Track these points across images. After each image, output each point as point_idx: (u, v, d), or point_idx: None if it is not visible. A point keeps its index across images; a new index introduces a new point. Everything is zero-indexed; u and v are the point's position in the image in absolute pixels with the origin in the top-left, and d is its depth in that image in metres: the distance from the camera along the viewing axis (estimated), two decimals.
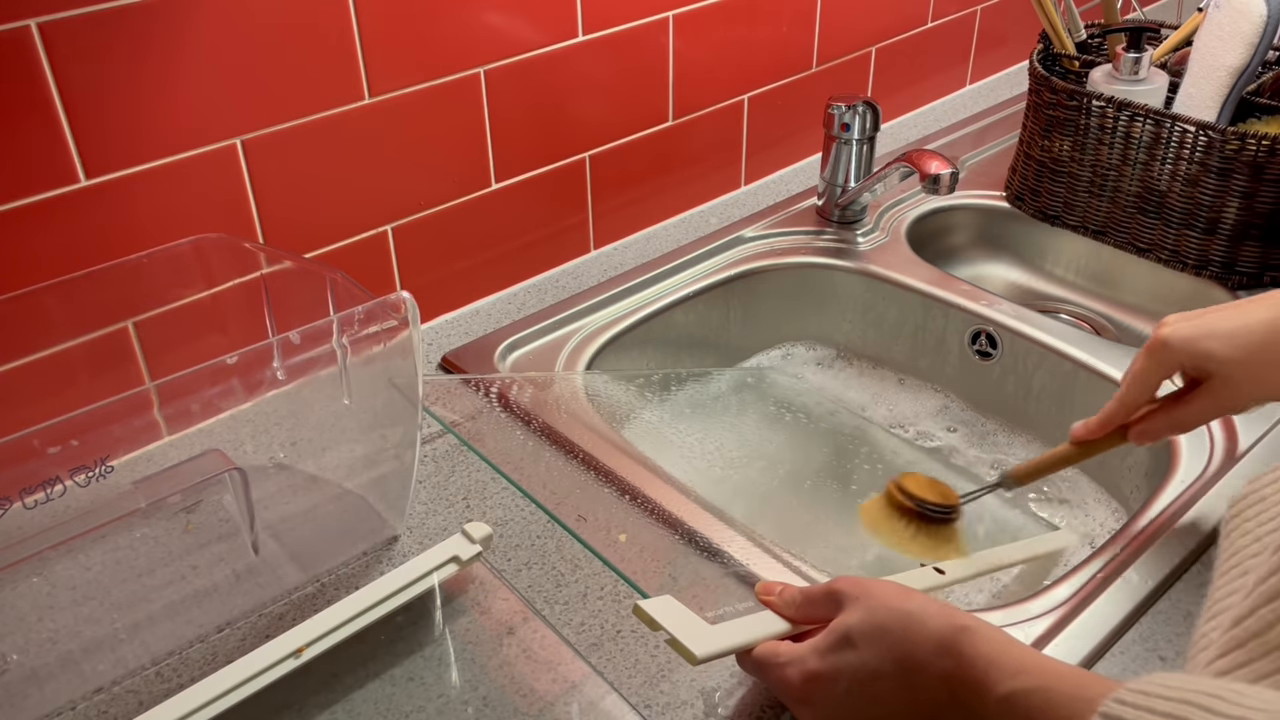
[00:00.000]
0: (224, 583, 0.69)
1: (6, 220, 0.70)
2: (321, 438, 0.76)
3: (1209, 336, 0.61)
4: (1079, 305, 1.12)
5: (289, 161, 0.82)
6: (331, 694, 0.63)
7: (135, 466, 0.74)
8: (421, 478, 0.78)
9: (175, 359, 0.80)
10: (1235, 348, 0.60)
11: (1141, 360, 0.64)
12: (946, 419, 1.00)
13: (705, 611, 0.57)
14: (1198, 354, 0.62)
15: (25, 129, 0.69)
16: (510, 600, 0.68)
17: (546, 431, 0.82)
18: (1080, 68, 1.07)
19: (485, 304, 1.00)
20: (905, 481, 0.73)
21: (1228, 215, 0.96)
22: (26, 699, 0.62)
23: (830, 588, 0.55)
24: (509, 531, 0.74)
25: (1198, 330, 0.61)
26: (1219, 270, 0.99)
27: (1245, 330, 0.60)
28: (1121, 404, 0.66)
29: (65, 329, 0.75)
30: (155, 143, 0.75)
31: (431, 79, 0.87)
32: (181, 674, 0.64)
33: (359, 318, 0.64)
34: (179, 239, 0.77)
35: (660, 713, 0.60)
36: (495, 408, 0.84)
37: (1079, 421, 0.69)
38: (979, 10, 1.38)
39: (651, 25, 1.01)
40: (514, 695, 0.62)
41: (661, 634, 0.56)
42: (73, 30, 0.69)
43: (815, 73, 1.20)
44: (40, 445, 0.53)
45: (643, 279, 1.00)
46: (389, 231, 0.91)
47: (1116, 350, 0.92)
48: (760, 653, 0.56)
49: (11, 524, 0.53)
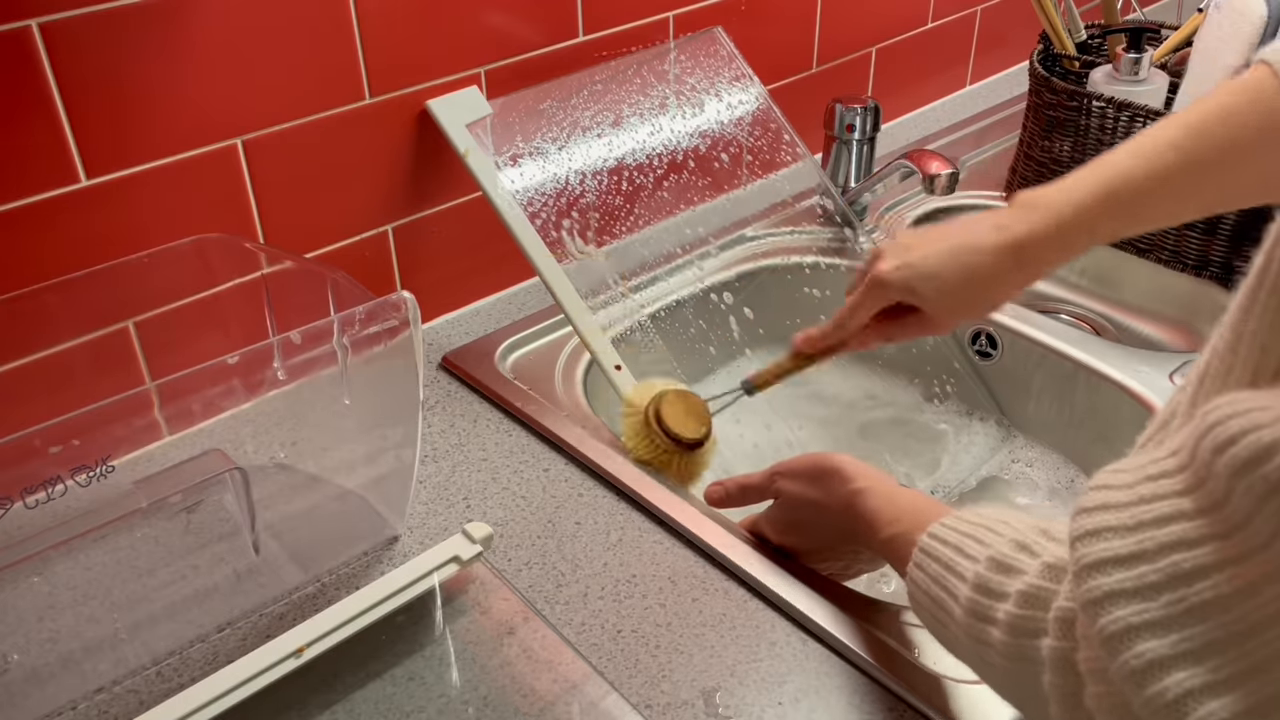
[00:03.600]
0: (225, 582, 0.69)
1: (7, 220, 0.70)
2: (322, 438, 0.76)
3: (921, 279, 0.70)
4: (1079, 305, 1.12)
5: (289, 161, 0.82)
6: (332, 694, 0.63)
7: (136, 466, 0.74)
8: (422, 478, 0.78)
9: (176, 359, 0.80)
10: (940, 292, 0.69)
11: (861, 294, 0.73)
12: (946, 418, 1.00)
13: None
14: (911, 293, 0.71)
15: (26, 129, 0.69)
16: (511, 600, 0.68)
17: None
18: (1080, 68, 1.07)
19: (485, 304, 1.00)
20: (663, 409, 0.77)
21: (1228, 216, 0.96)
22: (27, 699, 0.62)
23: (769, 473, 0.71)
24: (509, 531, 0.74)
25: (912, 273, 0.70)
26: (1219, 270, 0.99)
27: (948, 275, 0.69)
28: (839, 327, 0.76)
29: (66, 329, 0.75)
30: (156, 143, 0.75)
31: (432, 79, 0.87)
32: (182, 674, 0.64)
33: (360, 318, 0.64)
34: (180, 239, 0.77)
35: (660, 713, 0.60)
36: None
37: (801, 333, 0.78)
38: (979, 10, 1.38)
39: (651, 25, 1.01)
40: (514, 695, 0.62)
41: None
42: (74, 30, 0.69)
43: (815, 73, 1.20)
44: (41, 445, 0.54)
45: (644, 279, 1.00)
46: (389, 231, 0.91)
47: (1116, 350, 0.92)
48: (745, 522, 0.73)
49: (12, 524, 0.53)
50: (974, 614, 0.46)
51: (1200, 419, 0.35)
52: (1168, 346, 1.05)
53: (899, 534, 0.58)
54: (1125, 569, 0.35)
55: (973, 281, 0.68)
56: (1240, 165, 0.62)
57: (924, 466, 0.95)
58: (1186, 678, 0.33)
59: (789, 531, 0.70)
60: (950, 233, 0.70)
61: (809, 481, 0.67)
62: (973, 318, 0.72)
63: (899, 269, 0.70)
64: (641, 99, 0.97)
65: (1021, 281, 0.68)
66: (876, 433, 0.99)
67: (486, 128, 0.89)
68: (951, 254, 0.68)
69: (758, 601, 0.68)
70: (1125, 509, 0.36)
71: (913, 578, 0.53)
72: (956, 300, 0.69)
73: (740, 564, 0.69)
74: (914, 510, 0.59)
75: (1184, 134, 0.62)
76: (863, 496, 0.63)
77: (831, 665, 0.63)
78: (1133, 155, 0.63)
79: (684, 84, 1.00)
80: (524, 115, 0.91)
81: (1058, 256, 0.66)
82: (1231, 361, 0.39)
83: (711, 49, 1.02)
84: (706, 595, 0.68)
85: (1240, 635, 0.32)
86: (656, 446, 0.77)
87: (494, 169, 0.87)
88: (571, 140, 0.93)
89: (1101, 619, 0.35)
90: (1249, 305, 0.38)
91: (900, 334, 0.75)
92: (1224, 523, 0.33)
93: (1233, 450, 0.33)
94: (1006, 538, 0.47)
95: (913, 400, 1.02)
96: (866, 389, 1.03)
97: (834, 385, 1.04)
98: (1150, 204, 0.64)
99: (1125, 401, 0.87)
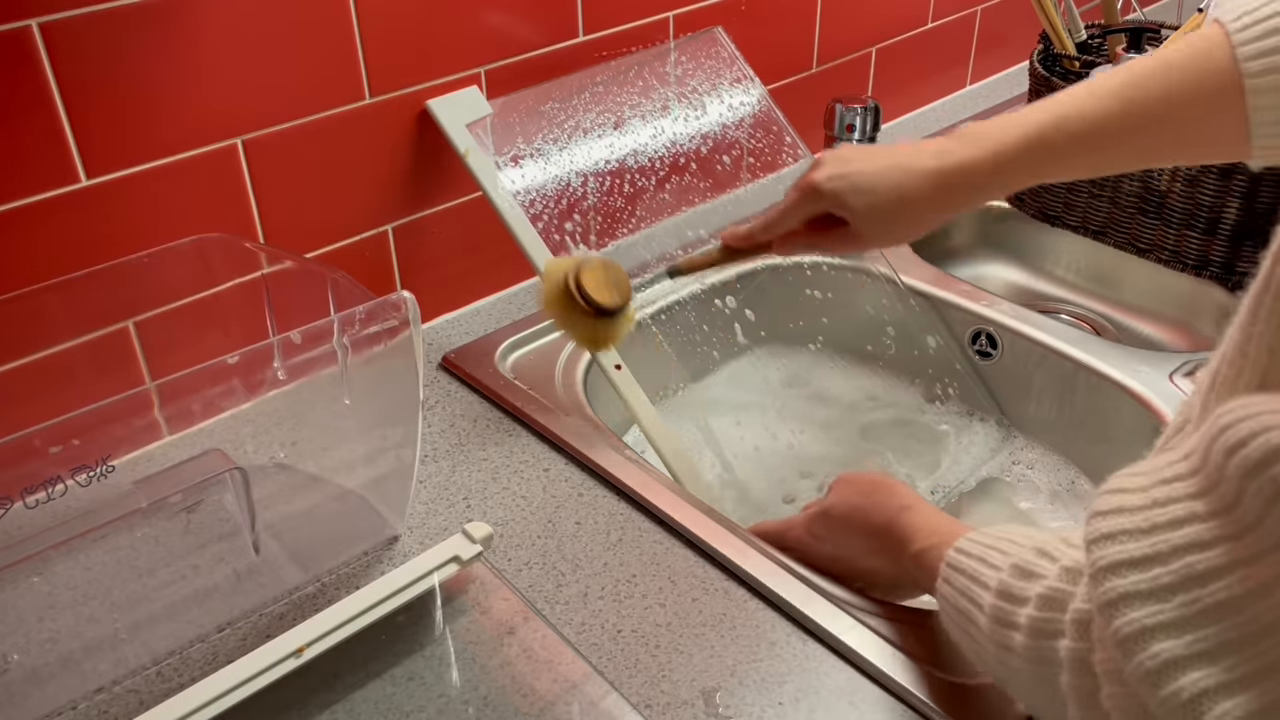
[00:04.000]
0: (225, 582, 0.69)
1: (7, 220, 0.70)
2: (322, 437, 0.76)
3: (853, 192, 0.69)
4: (1079, 305, 1.12)
5: (289, 161, 0.82)
6: (332, 694, 0.63)
7: (136, 466, 0.74)
8: (422, 478, 0.78)
9: (176, 359, 0.80)
10: (870, 208, 0.69)
11: (795, 197, 0.72)
12: (946, 419, 1.00)
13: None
14: (842, 205, 0.70)
15: (26, 129, 0.69)
16: (511, 600, 0.68)
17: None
18: (1080, 68, 1.07)
19: (485, 304, 1.00)
20: (584, 277, 0.75)
21: (1228, 216, 0.96)
22: (27, 699, 0.62)
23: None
24: (509, 531, 0.74)
25: (847, 185, 0.69)
26: (1219, 271, 0.99)
27: (881, 192, 0.69)
28: (769, 227, 0.75)
29: (66, 329, 0.75)
30: (156, 142, 0.75)
31: (432, 79, 0.87)
32: (182, 674, 0.64)
33: (360, 317, 0.64)
34: (180, 239, 0.77)
35: (660, 713, 0.60)
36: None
37: (730, 228, 0.77)
38: (979, 10, 1.38)
39: (652, 25, 1.01)
40: (514, 695, 0.62)
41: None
42: (74, 30, 0.69)
43: (815, 73, 1.20)
44: (41, 445, 0.53)
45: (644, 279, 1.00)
46: (389, 231, 0.91)
47: (1116, 350, 0.92)
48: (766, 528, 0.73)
49: (12, 524, 0.53)
50: (997, 620, 0.47)
51: (1212, 423, 0.35)
52: (1168, 346, 1.05)
53: (930, 548, 0.59)
54: (1140, 571, 0.35)
55: (904, 202, 0.68)
56: (1179, 121, 0.62)
57: (924, 467, 0.95)
58: (1201, 678, 0.33)
59: (820, 530, 0.70)
60: (891, 152, 0.70)
61: (861, 489, 0.68)
62: (898, 239, 0.73)
63: (833, 180, 0.70)
64: (642, 99, 0.97)
65: (953, 209, 0.69)
66: (877, 434, 0.99)
67: (486, 128, 0.89)
68: (888, 172, 0.69)
69: (758, 601, 0.68)
70: (1139, 512, 0.37)
71: (941, 592, 0.54)
72: (885, 218, 0.70)
73: (740, 564, 0.69)
74: (950, 531, 0.59)
75: (1129, 84, 0.63)
76: (907, 513, 0.64)
77: (831, 665, 0.63)
78: (1079, 99, 0.64)
79: (684, 84, 1.00)
80: (524, 115, 0.91)
81: (993, 189, 0.68)
82: (1241, 365, 0.39)
83: (712, 49, 1.02)
84: (706, 595, 0.68)
85: (1253, 635, 0.33)
86: (572, 309, 0.76)
87: (494, 169, 0.87)
88: (572, 140, 0.93)
89: (1117, 620, 0.35)
90: (1256, 308, 0.38)
91: (825, 244, 0.75)
92: (1236, 524, 0.33)
93: (1244, 452, 0.33)
94: (1028, 546, 0.47)
95: (913, 401, 1.02)
96: (868, 390, 1.03)
97: (835, 386, 1.04)
98: (1088, 150, 0.65)
99: (1125, 402, 0.87)
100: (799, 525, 0.72)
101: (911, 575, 0.62)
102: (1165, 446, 0.45)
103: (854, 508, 0.68)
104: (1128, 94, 0.62)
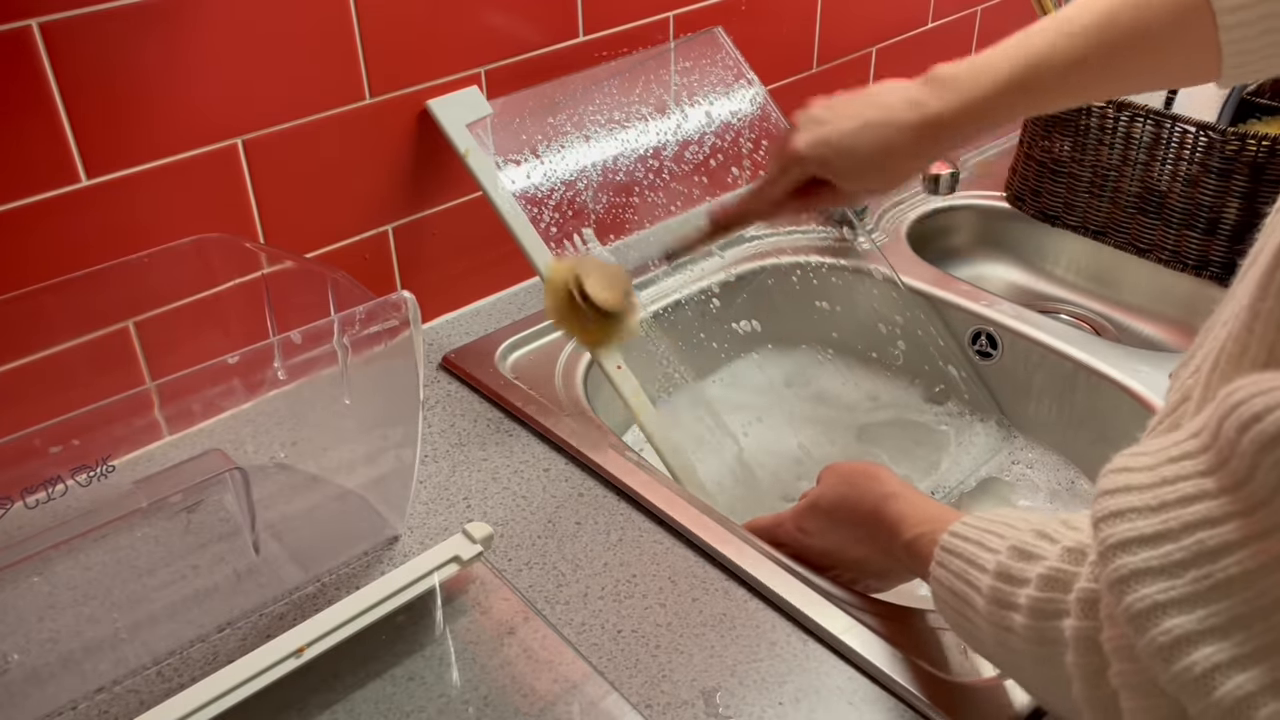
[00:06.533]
0: (225, 582, 0.69)
1: (7, 220, 0.70)
2: (322, 437, 0.76)
3: (836, 155, 0.71)
4: (1079, 305, 1.12)
5: (289, 161, 0.82)
6: (332, 694, 0.63)
7: (136, 466, 0.74)
8: (422, 478, 0.78)
9: (176, 359, 0.80)
10: (855, 167, 0.71)
11: (777, 170, 0.74)
12: (946, 419, 1.00)
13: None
14: (826, 168, 0.72)
15: (26, 129, 0.69)
16: (511, 600, 0.68)
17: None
18: None
19: (485, 304, 1.00)
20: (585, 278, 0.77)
21: (1228, 216, 0.96)
22: (27, 699, 0.62)
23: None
24: (509, 531, 0.74)
25: (828, 149, 0.71)
26: (1219, 271, 0.99)
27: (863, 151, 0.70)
28: (756, 198, 0.77)
29: (66, 329, 0.75)
30: (156, 142, 0.75)
31: (432, 79, 0.87)
32: (182, 674, 0.64)
33: (360, 317, 0.64)
34: (180, 239, 0.77)
35: (660, 713, 0.60)
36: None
37: (718, 204, 0.80)
38: (979, 10, 1.38)
39: (651, 25, 1.01)
40: (514, 695, 0.62)
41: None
42: (74, 30, 0.69)
43: (815, 73, 1.20)
44: (42, 445, 0.53)
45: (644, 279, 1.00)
46: (389, 231, 0.91)
47: (1116, 350, 0.92)
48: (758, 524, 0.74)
49: (12, 523, 0.53)
50: (996, 601, 0.47)
51: (1222, 399, 0.35)
52: (1168, 346, 1.05)
53: (922, 535, 0.60)
54: (1151, 548, 0.35)
55: (887, 157, 0.70)
56: (1152, 53, 0.64)
57: (924, 467, 0.95)
58: (1214, 652, 0.33)
59: (809, 524, 0.70)
60: (864, 104, 0.71)
61: (846, 478, 0.69)
62: (883, 190, 0.77)
63: (814, 146, 0.72)
64: (642, 99, 0.97)
65: (934, 155, 0.72)
66: (877, 434, 0.99)
67: (487, 128, 0.89)
68: (866, 129, 0.70)
69: (758, 601, 0.68)
70: (1148, 490, 0.37)
71: (935, 576, 0.54)
72: (868, 174, 0.72)
73: (740, 564, 0.69)
74: (940, 517, 0.59)
75: (1101, 18, 0.64)
76: (892, 500, 0.64)
77: (831, 665, 0.63)
78: (1050, 38, 0.66)
79: (684, 84, 1.00)
80: (524, 115, 0.91)
81: (971, 132, 0.69)
82: (1247, 340, 0.39)
83: (712, 49, 1.02)
84: (706, 595, 0.68)
85: (1265, 609, 0.33)
86: (575, 310, 0.78)
87: (494, 169, 0.87)
88: (572, 140, 0.93)
89: (1128, 597, 0.35)
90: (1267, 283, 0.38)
91: (814, 204, 0.77)
92: (1247, 500, 0.34)
93: (1258, 427, 0.33)
94: (1026, 528, 0.48)
95: (914, 401, 1.02)
96: (868, 390, 1.03)
97: (835, 386, 1.04)
98: (1063, 85, 0.67)
99: (1125, 402, 0.87)
100: (789, 520, 0.72)
101: (903, 562, 0.62)
102: (1160, 426, 0.45)
103: (841, 497, 0.68)
104: (1102, 31, 0.64)
